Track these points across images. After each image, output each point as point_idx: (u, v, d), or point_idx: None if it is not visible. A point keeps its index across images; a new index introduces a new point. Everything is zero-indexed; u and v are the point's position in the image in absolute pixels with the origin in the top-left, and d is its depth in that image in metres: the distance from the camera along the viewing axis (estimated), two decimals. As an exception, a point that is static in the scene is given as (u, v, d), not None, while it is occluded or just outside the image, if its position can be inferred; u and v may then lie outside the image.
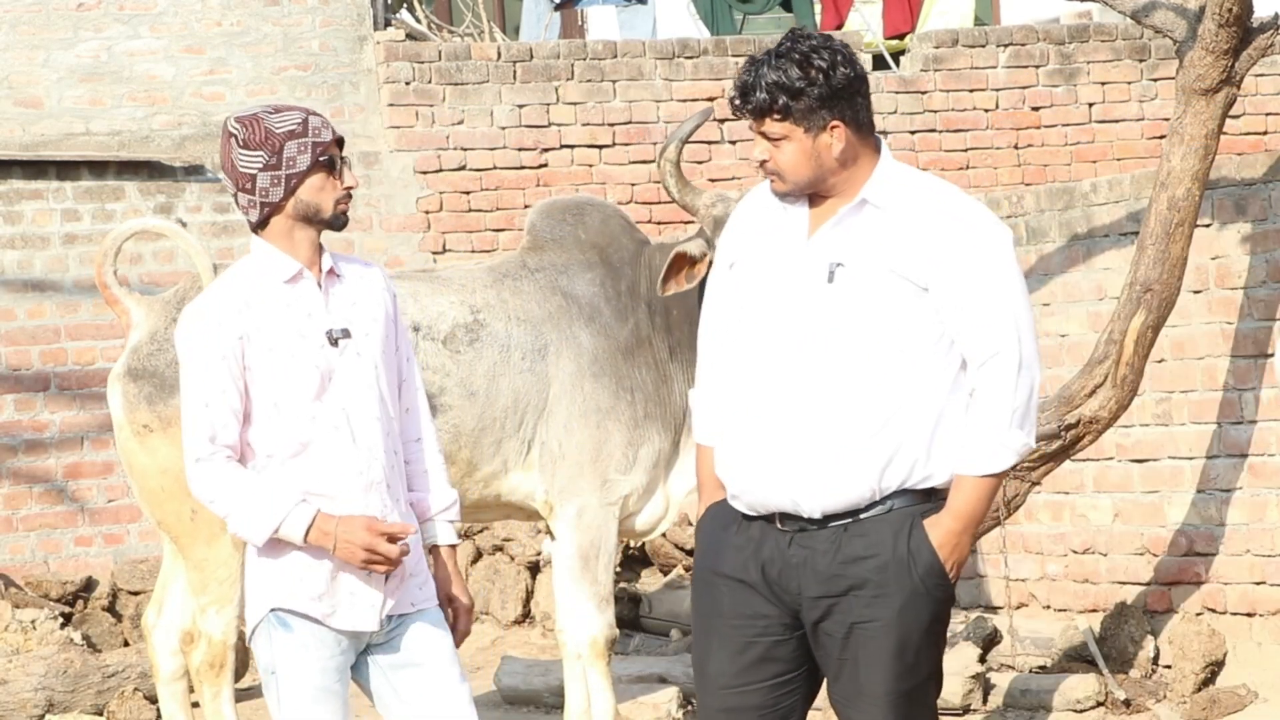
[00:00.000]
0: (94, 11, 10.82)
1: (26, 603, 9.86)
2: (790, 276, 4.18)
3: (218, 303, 4.37)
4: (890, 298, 4.08)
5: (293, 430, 4.35)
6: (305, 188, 4.36)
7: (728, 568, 4.24)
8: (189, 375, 4.37)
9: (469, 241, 11.24)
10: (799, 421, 4.11)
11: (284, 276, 4.38)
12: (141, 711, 8.49)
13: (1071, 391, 6.38)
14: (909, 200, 4.14)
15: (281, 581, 4.37)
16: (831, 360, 4.10)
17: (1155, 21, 6.54)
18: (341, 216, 4.41)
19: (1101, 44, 12.23)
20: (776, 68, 4.08)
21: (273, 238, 4.39)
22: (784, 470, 4.13)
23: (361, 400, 4.38)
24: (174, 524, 6.82)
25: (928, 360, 4.09)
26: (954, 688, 7.56)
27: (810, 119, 4.09)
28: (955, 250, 4.09)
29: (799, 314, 4.14)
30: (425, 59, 11.27)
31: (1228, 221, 7.77)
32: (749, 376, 4.20)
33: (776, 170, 4.15)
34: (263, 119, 4.33)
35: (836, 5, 13.40)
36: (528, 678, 8.39)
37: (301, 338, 4.36)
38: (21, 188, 10.57)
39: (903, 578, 4.10)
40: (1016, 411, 4.09)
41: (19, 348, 10.47)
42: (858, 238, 4.13)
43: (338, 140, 4.40)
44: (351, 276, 4.48)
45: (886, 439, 4.08)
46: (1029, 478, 6.34)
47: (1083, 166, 12.14)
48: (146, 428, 6.82)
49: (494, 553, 10.11)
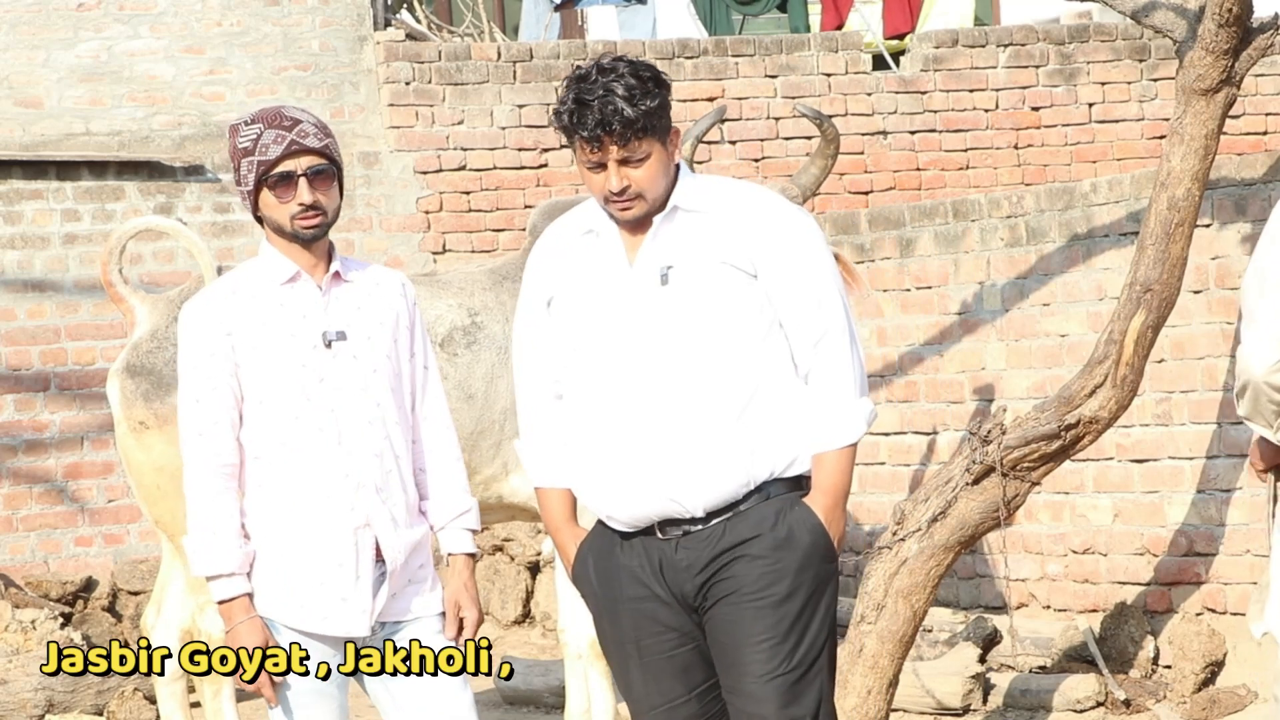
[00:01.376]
0: (94, 11, 10.82)
1: (26, 603, 9.86)
2: (622, 292, 4.20)
3: (209, 301, 4.43)
4: (725, 289, 4.15)
5: (277, 430, 4.38)
6: (261, 204, 4.40)
7: (627, 590, 4.25)
8: (182, 371, 4.42)
9: (469, 241, 11.24)
10: (662, 427, 4.14)
11: (281, 278, 4.42)
12: (141, 711, 8.49)
13: (1071, 391, 6.38)
14: (718, 199, 4.21)
15: (268, 591, 4.39)
16: (679, 359, 4.14)
17: (1155, 21, 6.54)
18: (303, 231, 4.39)
19: (1101, 44, 12.23)
20: (626, 92, 4.05)
21: (272, 241, 4.45)
22: (659, 477, 4.14)
23: (352, 403, 4.39)
24: (170, 522, 6.83)
25: (767, 347, 4.18)
26: (954, 688, 7.56)
27: (663, 130, 4.13)
28: (774, 238, 4.17)
29: (638, 324, 4.17)
30: (425, 59, 11.27)
31: (1228, 221, 7.78)
32: (601, 398, 4.21)
33: (640, 192, 4.13)
34: (235, 131, 4.39)
35: (836, 5, 13.40)
36: (528, 678, 8.39)
37: (292, 337, 4.38)
38: (21, 188, 10.57)
39: (784, 552, 4.15)
40: (857, 381, 4.20)
41: (19, 348, 10.47)
42: (680, 240, 4.18)
43: (304, 151, 4.36)
44: (362, 281, 4.50)
45: (748, 424, 4.15)
46: (1029, 478, 6.33)
47: (1083, 166, 12.14)
48: (143, 424, 6.83)
49: (494, 553, 10.11)
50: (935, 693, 7.59)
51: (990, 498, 6.29)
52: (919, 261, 9.09)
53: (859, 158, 11.85)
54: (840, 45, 12.00)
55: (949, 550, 6.27)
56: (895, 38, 12.85)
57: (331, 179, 4.41)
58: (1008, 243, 8.76)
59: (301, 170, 4.36)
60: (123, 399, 6.88)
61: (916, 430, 9.15)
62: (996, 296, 8.80)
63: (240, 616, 4.35)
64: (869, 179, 11.90)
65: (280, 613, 4.38)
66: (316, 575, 4.37)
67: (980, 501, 6.29)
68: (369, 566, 4.40)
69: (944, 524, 6.23)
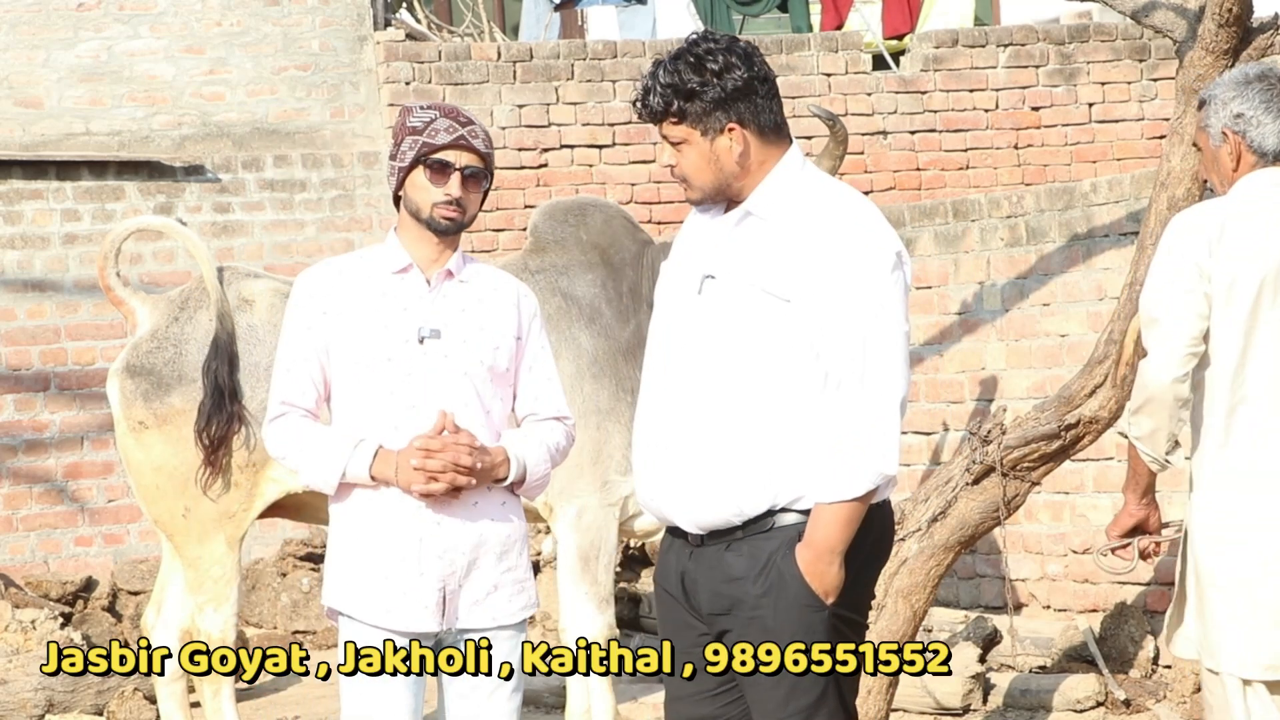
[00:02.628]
0: (94, 11, 10.82)
1: (26, 603, 9.86)
2: (676, 287, 4.15)
3: (316, 276, 4.51)
4: (752, 313, 3.99)
5: (358, 419, 4.42)
6: (409, 184, 4.47)
7: (663, 580, 4.24)
8: (282, 339, 4.51)
9: (469, 241, 11.24)
10: (674, 436, 4.07)
11: (393, 268, 4.48)
12: (141, 711, 8.49)
13: (1071, 391, 6.38)
14: (791, 211, 4.03)
15: (335, 582, 4.46)
16: (698, 374, 4.05)
17: (1155, 21, 6.54)
18: (439, 221, 4.46)
19: (1101, 44, 12.23)
20: (672, 70, 4.01)
21: (400, 229, 4.52)
22: (665, 485, 4.10)
23: (435, 402, 4.40)
24: (168, 521, 6.83)
25: (792, 376, 3.98)
26: (954, 688, 7.56)
27: (706, 121, 4.02)
28: (823, 265, 3.95)
29: (674, 326, 4.12)
30: (425, 59, 11.27)
31: (1228, 221, 7.77)
32: (644, 390, 4.19)
33: (683, 175, 4.09)
34: (408, 112, 4.48)
35: (836, 5, 13.40)
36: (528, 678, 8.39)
37: (385, 329, 4.42)
38: (21, 188, 10.57)
39: (771, 599, 4.02)
40: (876, 435, 3.93)
41: (19, 348, 10.47)
42: (733, 250, 4.05)
43: (469, 149, 4.44)
44: (478, 284, 4.52)
45: (750, 454, 3.99)
46: (1029, 478, 6.33)
47: (1083, 166, 12.15)
48: (142, 424, 6.83)
49: (494, 553, 10.11)
50: (935, 693, 7.59)
51: (990, 498, 6.29)
52: (919, 261, 9.09)
53: (859, 158, 11.85)
54: (840, 45, 12.00)
55: (949, 550, 6.27)
56: (895, 38, 12.85)
57: (481, 185, 4.50)
58: (1008, 243, 8.76)
59: (460, 164, 4.44)
60: (122, 399, 6.88)
61: (917, 430, 9.15)
62: (996, 296, 8.80)
63: (391, 459, 4.36)
64: (869, 179, 11.90)
65: (346, 604, 4.42)
66: (382, 569, 4.40)
67: (980, 501, 6.29)
68: (434, 564, 4.40)
69: (944, 524, 6.23)
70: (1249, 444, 4.51)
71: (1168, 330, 4.49)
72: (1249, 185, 4.54)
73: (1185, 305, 4.48)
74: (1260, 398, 4.51)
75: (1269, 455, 4.50)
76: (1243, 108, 4.54)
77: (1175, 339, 4.49)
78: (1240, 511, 4.54)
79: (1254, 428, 4.51)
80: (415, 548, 4.39)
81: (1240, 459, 4.53)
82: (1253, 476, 4.52)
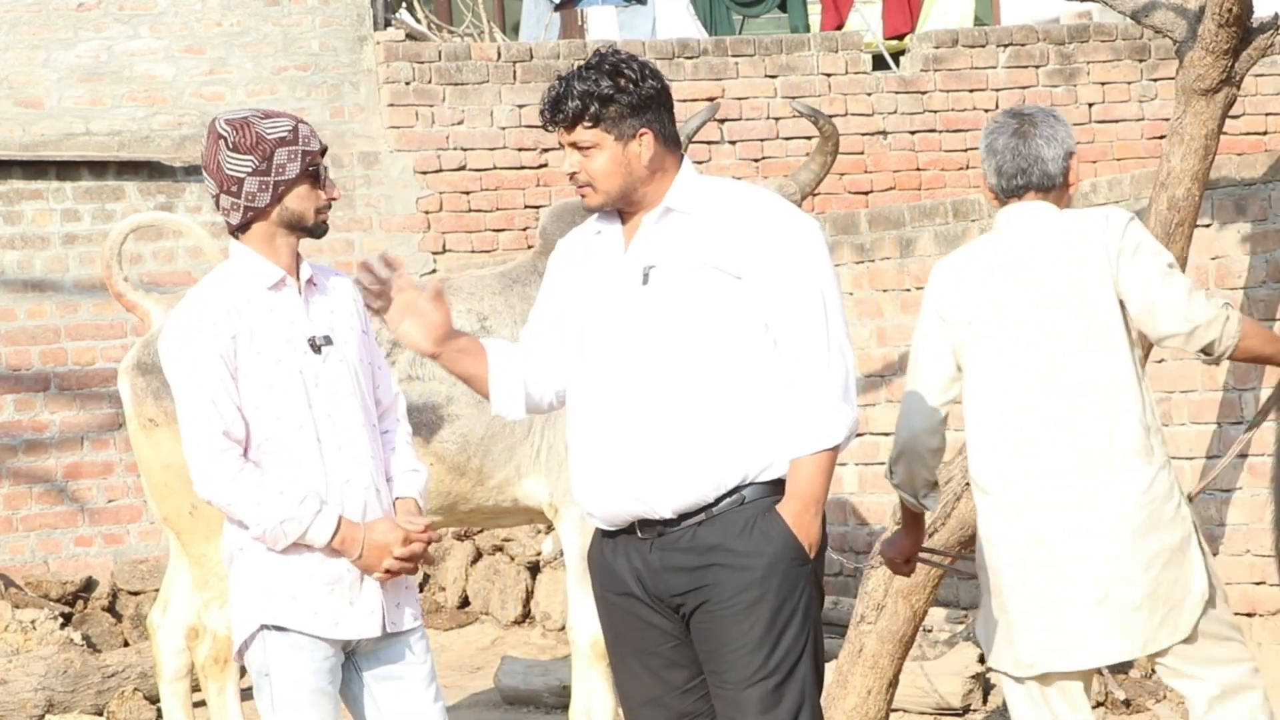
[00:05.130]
0: (94, 11, 10.82)
1: (26, 603, 9.87)
2: (608, 290, 4.25)
3: (209, 304, 4.36)
4: (705, 290, 4.15)
5: (278, 437, 4.34)
6: (292, 196, 4.36)
7: (612, 585, 4.29)
8: (189, 376, 4.34)
9: (469, 242, 11.24)
10: (634, 427, 4.16)
11: (267, 283, 4.38)
12: (141, 711, 8.49)
13: (1071, 391, 6.38)
14: (713, 202, 4.22)
15: (273, 598, 4.35)
16: (654, 361, 4.16)
17: (1155, 21, 6.54)
18: (322, 225, 4.43)
19: (1101, 44, 12.23)
20: (586, 78, 4.20)
21: (253, 242, 4.38)
22: (630, 477, 4.17)
23: (346, 407, 4.39)
24: (176, 519, 6.85)
25: (749, 350, 4.16)
26: (954, 688, 7.56)
27: (621, 126, 4.19)
28: (763, 239, 4.16)
29: (618, 322, 4.21)
30: (425, 59, 11.27)
31: (1228, 221, 7.78)
32: (583, 394, 4.26)
33: (588, 180, 4.23)
34: (254, 123, 4.33)
35: (836, 5, 13.40)
36: (528, 678, 8.39)
37: (286, 344, 4.36)
38: (21, 188, 10.57)
39: (754, 559, 4.13)
40: (839, 387, 4.14)
41: (19, 348, 10.47)
42: (667, 241, 4.21)
43: (322, 150, 4.43)
44: (325, 285, 4.49)
45: (719, 427, 4.13)
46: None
47: (1083, 166, 12.11)
48: (152, 421, 6.85)
49: (494, 553, 10.11)
50: (935, 693, 7.58)
51: (990, 498, 6.28)
52: (919, 261, 9.09)
53: (859, 158, 11.85)
54: (840, 45, 12.00)
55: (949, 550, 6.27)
56: (895, 38, 12.85)
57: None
58: (1008, 243, 8.75)
59: (323, 166, 4.43)
60: (133, 395, 6.90)
61: (916, 430, 9.14)
62: (996, 296, 8.79)
63: (357, 534, 4.33)
64: (869, 179, 11.91)
65: (291, 619, 4.35)
66: (325, 580, 4.36)
67: (980, 501, 6.28)
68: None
69: (944, 524, 6.23)
70: (990, 456, 4.75)
71: (914, 384, 4.83)
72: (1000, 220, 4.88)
73: (930, 357, 4.81)
74: (998, 416, 4.71)
75: (1007, 467, 4.71)
76: (982, 149, 4.88)
77: (922, 392, 4.81)
78: (993, 520, 4.76)
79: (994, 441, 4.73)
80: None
81: (983, 472, 4.76)
82: (998, 489, 4.73)
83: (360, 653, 4.44)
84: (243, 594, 4.39)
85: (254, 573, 4.36)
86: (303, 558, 4.35)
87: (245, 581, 4.38)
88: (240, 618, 4.40)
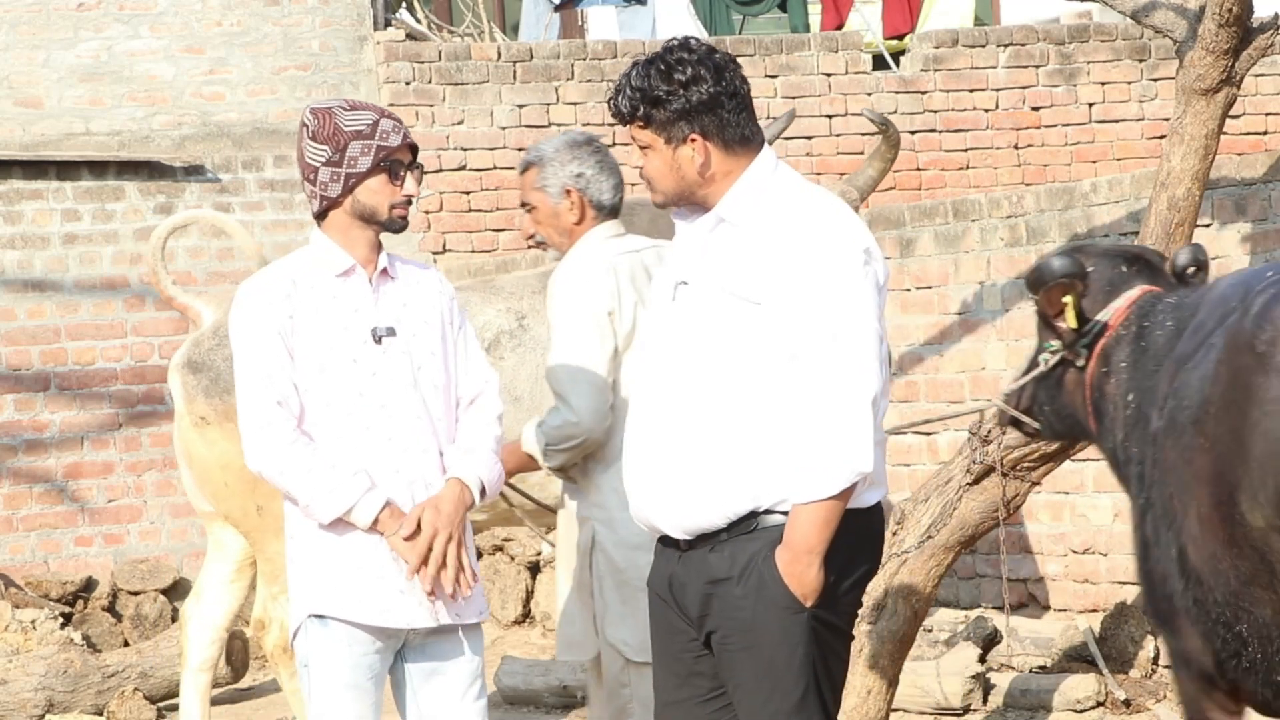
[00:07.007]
0: (94, 11, 10.82)
1: (26, 603, 9.87)
2: (657, 294, 4.21)
3: (270, 282, 4.44)
4: (723, 317, 4.00)
5: (326, 422, 4.39)
6: (363, 189, 4.42)
7: (655, 585, 4.25)
8: (247, 349, 4.40)
9: (469, 241, 11.24)
10: (656, 441, 4.08)
11: (336, 270, 4.44)
12: (141, 711, 8.49)
13: (1071, 391, 6.38)
14: (761, 218, 4.03)
15: (322, 587, 4.40)
16: (674, 379, 4.07)
17: (1155, 21, 6.54)
18: (397, 221, 4.46)
19: (1101, 44, 12.23)
20: (643, 75, 4.04)
21: (331, 231, 4.45)
22: (649, 490, 4.12)
23: (403, 399, 4.42)
24: (241, 519, 6.84)
25: (766, 378, 3.98)
26: (954, 688, 7.56)
27: (669, 130, 4.05)
28: (791, 265, 3.96)
29: (656, 333, 4.15)
30: (425, 59, 11.27)
31: (1228, 221, 7.77)
32: (632, 400, 4.23)
33: (648, 178, 4.12)
34: (335, 114, 4.40)
35: (836, 5, 13.40)
36: (528, 678, 8.39)
37: (344, 331, 4.41)
38: (21, 188, 10.57)
39: (751, 601, 4.03)
40: (851, 432, 3.91)
41: (19, 348, 10.47)
42: (707, 256, 4.07)
43: (409, 146, 4.45)
44: (406, 278, 4.53)
45: (729, 456, 4.00)
46: (1029, 478, 6.32)
47: (1083, 166, 12.14)
48: (204, 420, 6.86)
49: (494, 553, 10.11)
50: (935, 693, 7.59)
51: (990, 498, 6.29)
52: (919, 261, 9.09)
53: (859, 158, 11.85)
54: (840, 45, 12.00)
55: (949, 550, 6.27)
56: (895, 38, 12.85)
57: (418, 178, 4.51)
58: (1008, 243, 8.76)
59: (408, 162, 4.45)
60: (185, 393, 6.90)
61: (916, 430, 9.14)
62: (996, 296, 8.80)
63: (395, 525, 4.36)
64: (869, 179, 11.90)
65: (336, 608, 4.38)
66: (374, 569, 4.38)
67: (980, 501, 6.28)
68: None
69: (944, 524, 6.23)
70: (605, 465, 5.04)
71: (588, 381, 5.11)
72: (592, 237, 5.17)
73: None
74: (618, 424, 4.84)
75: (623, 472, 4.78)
76: (581, 168, 5.10)
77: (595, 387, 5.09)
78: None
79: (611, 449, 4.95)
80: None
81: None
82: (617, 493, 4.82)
83: (409, 644, 4.46)
84: (295, 584, 4.46)
85: (304, 560, 4.43)
86: (352, 548, 4.38)
87: (296, 570, 4.45)
88: (294, 608, 4.48)
